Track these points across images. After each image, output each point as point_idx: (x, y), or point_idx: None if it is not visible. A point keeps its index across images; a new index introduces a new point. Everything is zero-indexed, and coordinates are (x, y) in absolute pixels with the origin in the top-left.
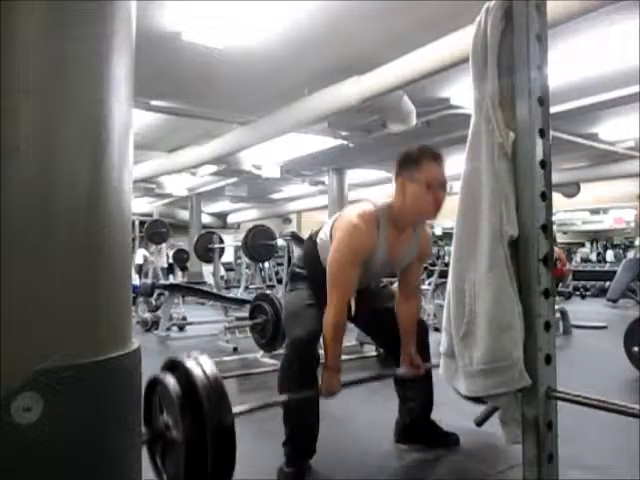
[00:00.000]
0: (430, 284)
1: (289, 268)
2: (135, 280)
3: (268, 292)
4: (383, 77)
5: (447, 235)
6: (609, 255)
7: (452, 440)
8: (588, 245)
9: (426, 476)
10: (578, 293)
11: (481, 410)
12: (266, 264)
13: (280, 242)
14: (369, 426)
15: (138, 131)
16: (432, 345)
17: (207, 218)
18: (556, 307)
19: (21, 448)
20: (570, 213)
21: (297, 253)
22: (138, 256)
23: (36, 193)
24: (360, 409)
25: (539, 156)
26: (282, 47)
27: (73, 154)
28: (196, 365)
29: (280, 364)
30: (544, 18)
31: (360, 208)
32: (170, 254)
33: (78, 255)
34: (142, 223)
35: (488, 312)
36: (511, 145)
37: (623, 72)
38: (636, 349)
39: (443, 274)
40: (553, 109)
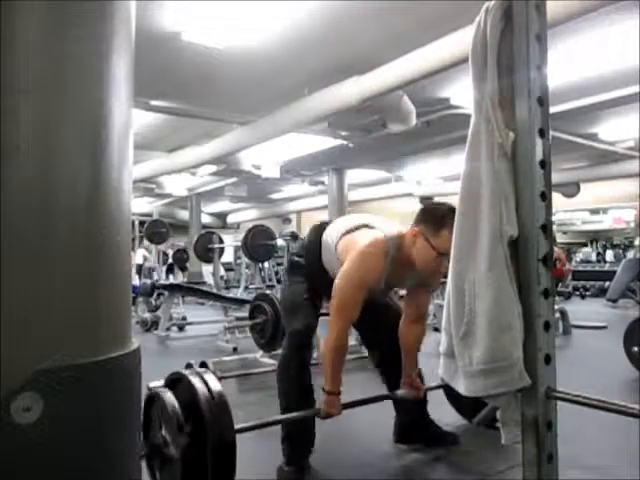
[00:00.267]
0: None
1: (288, 256)
2: (135, 280)
3: (268, 292)
4: (383, 77)
5: None
6: (609, 255)
7: (451, 440)
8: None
9: (426, 476)
10: (578, 293)
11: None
12: (266, 264)
13: (280, 242)
14: (369, 426)
15: (138, 131)
16: (432, 345)
17: (207, 218)
18: (556, 307)
19: (21, 448)
20: (570, 213)
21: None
22: (138, 256)
23: (36, 193)
24: (360, 409)
25: (539, 156)
26: (282, 47)
27: (73, 154)
28: (200, 383)
29: (280, 356)
30: (544, 18)
31: (372, 236)
32: (169, 254)
33: (78, 255)
34: (142, 223)
35: (488, 312)
36: (511, 145)
37: (623, 72)
38: (636, 349)
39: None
40: (553, 109)
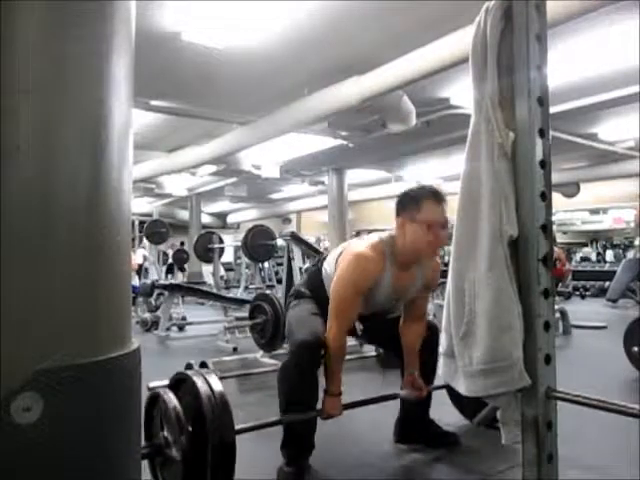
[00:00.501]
0: None
1: (292, 289)
2: (135, 280)
3: (268, 292)
4: (383, 77)
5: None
6: (609, 255)
7: (452, 440)
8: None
9: (426, 476)
10: (578, 293)
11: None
12: (266, 264)
13: (280, 242)
14: (369, 426)
15: (138, 131)
16: None
17: (207, 218)
18: (556, 307)
19: (21, 448)
20: (570, 213)
21: (297, 253)
22: (138, 256)
23: (36, 193)
24: (360, 409)
25: (539, 156)
26: (282, 47)
27: (73, 154)
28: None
29: (282, 366)
30: (544, 18)
31: (368, 241)
32: (169, 253)
33: (78, 255)
34: (142, 223)
35: (488, 312)
36: (511, 145)
37: (623, 72)
38: (636, 349)
39: (443, 274)
40: (553, 109)
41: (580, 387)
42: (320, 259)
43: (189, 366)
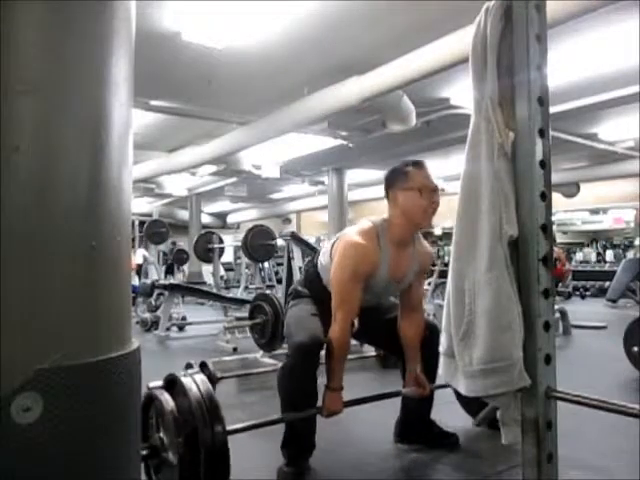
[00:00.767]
0: (430, 284)
1: (291, 288)
2: (135, 280)
3: (268, 292)
4: (383, 77)
5: (447, 235)
6: (609, 255)
7: (452, 440)
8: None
9: (426, 476)
10: (578, 293)
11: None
12: (266, 264)
13: (280, 242)
14: (369, 426)
15: (138, 131)
16: None
17: (207, 218)
18: (556, 307)
19: (21, 448)
20: (570, 213)
21: (297, 253)
22: (138, 256)
23: (36, 193)
24: (360, 409)
25: (539, 156)
26: (282, 47)
27: (73, 154)
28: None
29: (281, 368)
30: (544, 18)
31: (359, 227)
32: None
33: (78, 255)
34: (142, 223)
35: (488, 312)
36: (511, 145)
37: (623, 72)
38: (636, 349)
39: (443, 274)
40: (553, 109)
41: (580, 387)
42: (315, 255)
43: (189, 366)
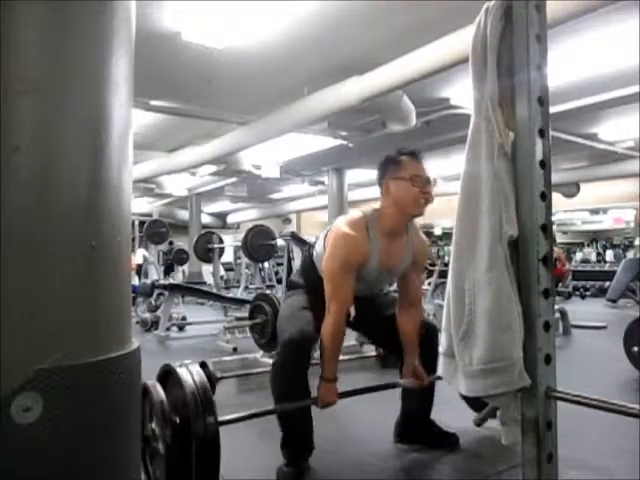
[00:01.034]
0: (430, 284)
1: (287, 278)
2: (135, 280)
3: (268, 292)
4: (383, 77)
5: (447, 235)
6: (609, 255)
7: (452, 440)
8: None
9: (426, 476)
10: (578, 293)
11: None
12: (266, 264)
13: (280, 242)
14: (369, 426)
15: (138, 131)
16: None
17: (207, 218)
18: (556, 307)
19: (21, 448)
20: (570, 213)
21: (297, 253)
22: (138, 256)
23: (36, 193)
24: (360, 409)
25: (539, 156)
26: (282, 47)
27: (73, 154)
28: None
29: (272, 364)
30: (544, 18)
31: (348, 217)
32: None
33: (78, 255)
34: (142, 223)
35: (488, 312)
36: (511, 145)
37: (623, 72)
38: (636, 349)
39: (443, 274)
40: (553, 109)
41: (580, 387)
42: (312, 245)
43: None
